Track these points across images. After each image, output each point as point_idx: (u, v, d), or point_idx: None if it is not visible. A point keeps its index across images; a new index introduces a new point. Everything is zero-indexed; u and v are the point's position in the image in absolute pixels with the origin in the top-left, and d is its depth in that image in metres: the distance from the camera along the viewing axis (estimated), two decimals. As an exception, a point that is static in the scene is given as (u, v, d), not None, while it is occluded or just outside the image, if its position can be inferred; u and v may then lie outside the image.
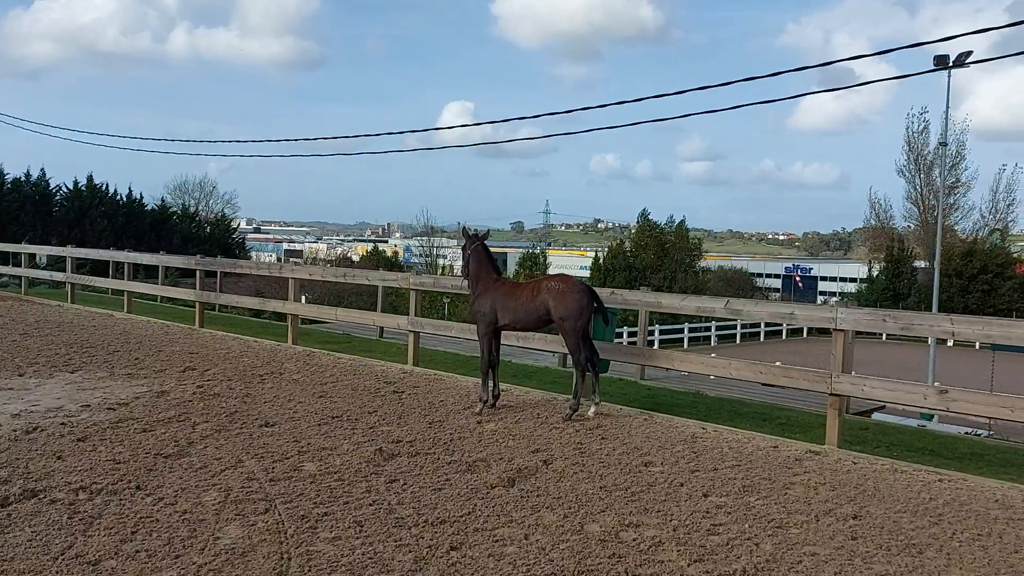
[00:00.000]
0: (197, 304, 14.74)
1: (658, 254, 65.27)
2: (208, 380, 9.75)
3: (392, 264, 70.59)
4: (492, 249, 8.95)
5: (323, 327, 18.34)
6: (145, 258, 17.88)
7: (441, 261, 77.58)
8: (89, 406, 8.20)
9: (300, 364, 11.09)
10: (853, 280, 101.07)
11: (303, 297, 30.34)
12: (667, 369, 9.32)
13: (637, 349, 8.59)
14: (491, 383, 8.20)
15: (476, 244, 8.34)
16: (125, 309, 16.82)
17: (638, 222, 68.77)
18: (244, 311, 21.76)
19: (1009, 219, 55.52)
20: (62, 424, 7.38)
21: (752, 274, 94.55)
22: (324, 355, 12.04)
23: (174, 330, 14.47)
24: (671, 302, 8.14)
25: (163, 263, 18.00)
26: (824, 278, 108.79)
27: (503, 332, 8.41)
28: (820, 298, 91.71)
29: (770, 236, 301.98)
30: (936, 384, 10.48)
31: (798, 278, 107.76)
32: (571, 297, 7.67)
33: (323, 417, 7.96)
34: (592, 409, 7.95)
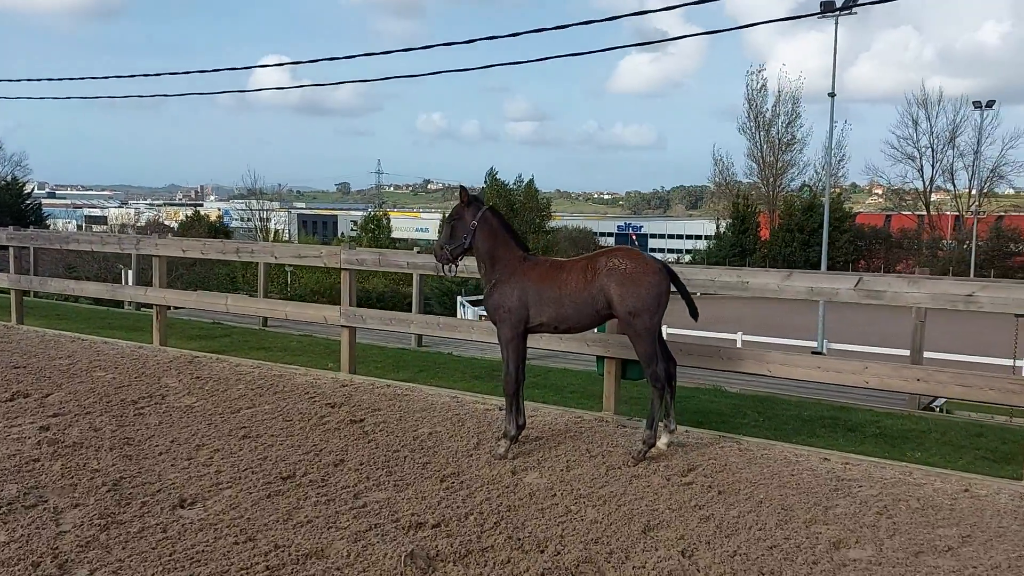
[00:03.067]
0: (13, 293, 10.94)
1: (507, 215, 63.99)
2: (56, 415, 6.53)
3: (217, 230, 64.74)
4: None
5: (180, 314, 14.75)
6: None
7: (272, 225, 72.28)
8: None
9: (186, 379, 7.96)
10: (679, 236, 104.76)
11: (127, 274, 25.88)
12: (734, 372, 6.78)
13: (708, 348, 6.32)
14: (515, 409, 5.66)
15: (484, 210, 5.69)
16: (-99, 300, 12.60)
17: (486, 182, 67.15)
18: (52, 296, 17.62)
19: (840, 174, 58.30)
20: None
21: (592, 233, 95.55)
22: (213, 361, 8.91)
23: (-20, 330, 10.66)
24: (766, 282, 5.73)
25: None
26: (654, 235, 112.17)
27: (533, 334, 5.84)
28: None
29: (596, 196, 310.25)
30: None
31: (634, 236, 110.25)
32: (645, 281, 5.25)
33: (267, 478, 5.14)
34: (664, 439, 5.62)
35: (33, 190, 72.56)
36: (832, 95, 28.61)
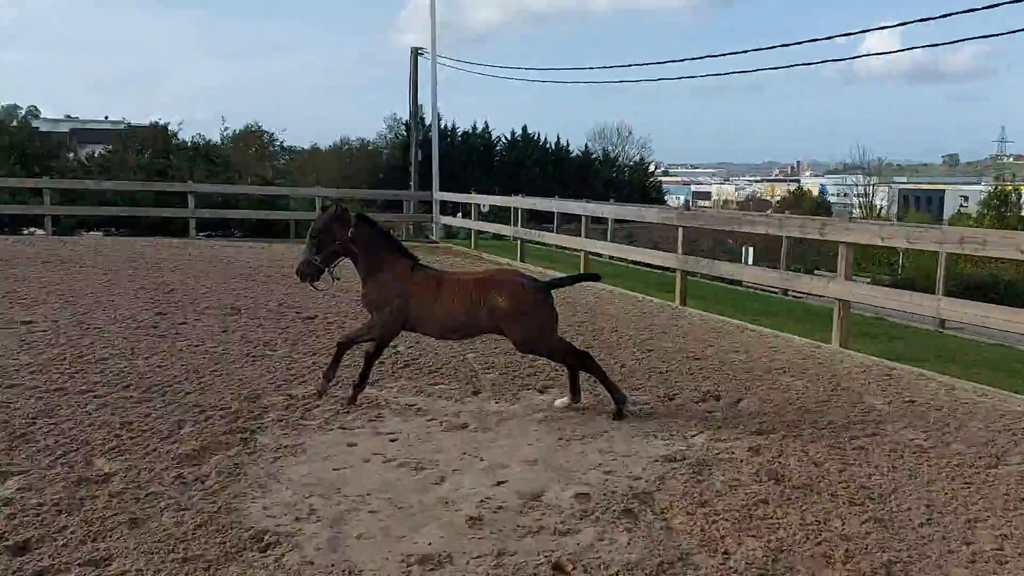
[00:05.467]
0: (679, 273, 10.88)
1: None
2: (760, 432, 5.56)
3: (819, 206, 63.14)
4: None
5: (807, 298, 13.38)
6: (603, 209, 14.76)
7: (877, 201, 67.70)
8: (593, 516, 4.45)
9: (896, 401, 6.41)
10: None
11: (748, 252, 25.61)
12: None
13: None
14: None
15: None
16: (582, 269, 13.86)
17: None
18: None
19: None
20: None
21: None
22: (915, 377, 7.20)
23: (650, 308, 10.81)
24: None
25: (626, 215, 14.58)
26: None
27: None
28: None
29: None
30: None
31: None
32: None
33: None
34: None
35: (655, 170, 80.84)
36: None
